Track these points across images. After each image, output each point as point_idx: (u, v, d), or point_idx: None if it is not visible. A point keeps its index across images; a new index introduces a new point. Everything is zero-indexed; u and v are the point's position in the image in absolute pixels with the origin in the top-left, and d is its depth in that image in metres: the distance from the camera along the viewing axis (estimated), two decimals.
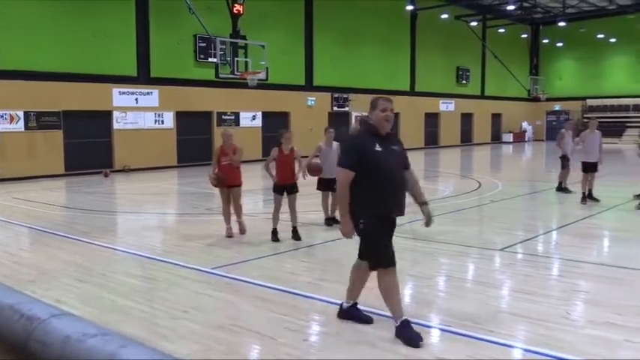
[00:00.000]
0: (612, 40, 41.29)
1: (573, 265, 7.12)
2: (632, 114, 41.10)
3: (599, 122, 39.38)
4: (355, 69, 30.20)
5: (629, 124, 40.01)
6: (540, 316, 5.18)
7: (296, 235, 8.71)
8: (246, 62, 23.37)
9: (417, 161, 26.13)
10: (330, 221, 9.77)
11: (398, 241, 8.60)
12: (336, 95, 29.49)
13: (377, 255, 4.72)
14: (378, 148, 4.60)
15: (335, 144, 9.77)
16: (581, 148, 12.41)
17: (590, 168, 12.20)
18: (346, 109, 29.82)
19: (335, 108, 29.54)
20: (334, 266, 7.11)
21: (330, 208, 9.85)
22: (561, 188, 13.44)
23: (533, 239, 8.66)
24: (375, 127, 4.68)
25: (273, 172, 8.74)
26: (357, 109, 29.85)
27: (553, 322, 5.03)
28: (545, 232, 9.41)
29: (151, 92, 22.45)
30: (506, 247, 7.87)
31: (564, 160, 13.49)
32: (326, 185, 9.77)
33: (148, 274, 6.81)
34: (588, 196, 12.13)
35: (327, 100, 29.20)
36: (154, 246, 8.41)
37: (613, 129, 38.60)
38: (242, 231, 9.02)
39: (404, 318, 4.70)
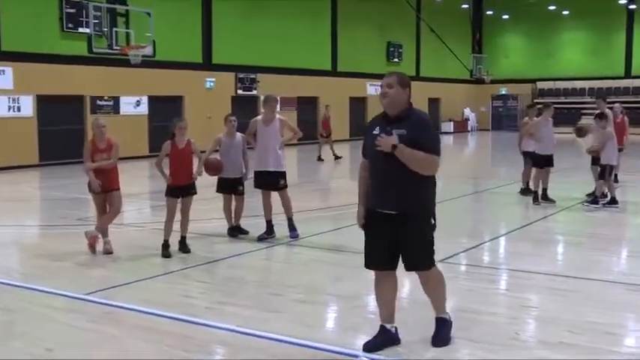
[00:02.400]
0: (565, 12, 43.47)
1: (522, 276, 7.41)
2: (588, 99, 43.22)
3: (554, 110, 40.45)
4: (264, 44, 30.19)
5: (584, 111, 42.08)
6: (485, 337, 5.35)
7: (184, 247, 8.66)
8: (128, 34, 22.83)
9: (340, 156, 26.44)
10: (235, 231, 9.71)
11: (309, 254, 8.75)
12: (240, 76, 29.36)
13: (365, 254, 5.18)
14: (375, 131, 4.93)
15: (239, 136, 9.71)
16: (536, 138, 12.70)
17: (545, 162, 12.61)
18: (254, 92, 29.76)
19: (240, 91, 29.41)
20: (238, 286, 7.08)
21: (234, 215, 9.78)
22: (527, 189, 13.60)
23: (479, 247, 8.97)
24: None
25: (167, 172, 8.60)
26: (267, 92, 29.80)
27: (500, 344, 5.21)
28: (491, 238, 9.77)
29: (3, 70, 21.49)
30: (447, 258, 8.10)
31: (527, 155, 13.53)
32: (228, 186, 9.69)
33: (3, 305, 6.52)
34: (542, 197, 12.55)
35: (229, 82, 29.02)
36: (9, 268, 8.12)
37: (567, 116, 40.49)
38: (107, 251, 8.71)
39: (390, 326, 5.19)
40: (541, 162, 12.63)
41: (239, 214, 9.81)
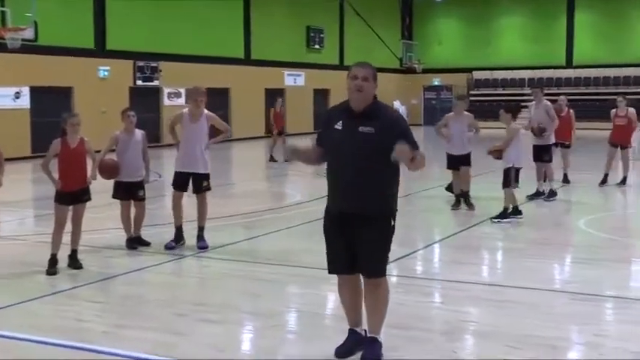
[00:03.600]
0: None
1: (459, 287, 7.60)
2: (528, 90, 44.42)
3: (488, 102, 41.78)
4: (167, 28, 29.80)
5: (525, 104, 43.27)
6: (419, 357, 5.45)
7: (75, 262, 8.52)
8: (4, 13, 22.12)
9: (254, 157, 26.43)
10: (134, 243, 9.58)
11: (221, 267, 8.70)
12: (140, 64, 28.91)
13: (327, 258, 5.38)
14: (338, 126, 5.10)
15: (139, 133, 9.57)
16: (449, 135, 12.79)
17: (457, 163, 12.74)
18: (155, 83, 29.37)
19: (139, 82, 28.95)
20: (138, 306, 7.01)
21: (134, 225, 9.64)
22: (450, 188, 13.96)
23: (410, 256, 9.14)
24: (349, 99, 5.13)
25: (55, 175, 8.42)
26: (171, 83, 29.47)
27: None
28: (424, 245, 9.96)
29: None
30: None
31: None
32: (127, 191, 9.54)
33: None
34: (464, 201, 12.68)
35: (127, 71, 28.52)
36: None
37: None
38: None
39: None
40: (452, 163, 12.80)
41: (139, 223, 9.68)
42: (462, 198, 12.67)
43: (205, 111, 9.60)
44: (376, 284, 5.28)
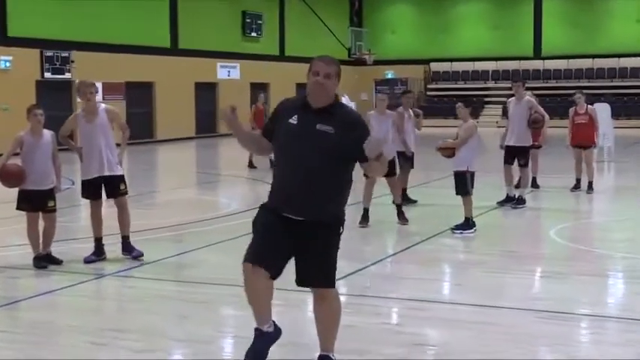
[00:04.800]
0: None
1: (415, 306, 7.69)
2: (492, 84, 45.08)
3: (447, 97, 42.15)
4: (81, 12, 29.50)
5: (488, 99, 43.86)
6: None
7: None
8: None
9: (183, 161, 26.26)
10: (43, 261, 9.44)
11: (146, 288, 8.63)
12: (48, 54, 28.53)
13: (251, 246, 5.35)
14: (293, 120, 5.22)
15: (47, 134, 9.45)
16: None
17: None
18: (67, 75, 29.00)
19: (48, 74, 28.58)
20: (48, 334, 6.93)
21: (42, 240, 9.51)
22: (404, 197, 14.15)
23: (360, 272, 9.19)
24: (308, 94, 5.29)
25: None
26: (86, 76, 29.06)
27: None
28: (375, 260, 10.01)
29: None
30: None
31: (404, 156, 14.03)
32: (34, 202, 9.41)
33: None
34: (397, 213, 12.70)
35: (33, 62, 28.12)
36: None
37: None
38: None
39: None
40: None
41: (49, 239, 9.55)
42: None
43: (102, 105, 9.68)
44: (329, 295, 5.40)
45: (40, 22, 28.11)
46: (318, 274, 5.33)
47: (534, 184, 15.87)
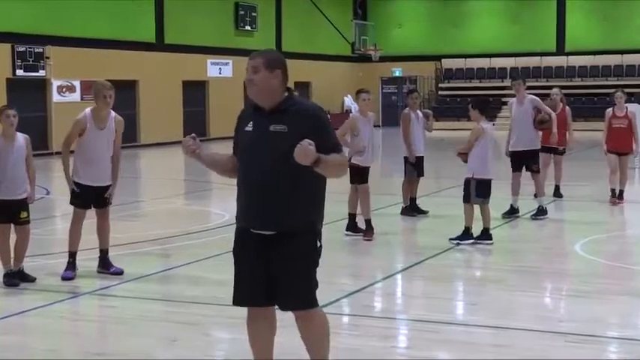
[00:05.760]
0: None
1: (427, 328, 7.64)
2: (510, 83, 44.59)
3: (460, 97, 41.62)
4: (59, 4, 29.45)
5: (506, 99, 43.54)
6: None
7: None
8: None
9: (170, 167, 26.26)
10: (15, 278, 9.38)
11: (130, 308, 8.60)
12: (20, 49, 28.48)
13: (234, 286, 5.47)
14: (248, 127, 5.32)
15: (21, 138, 9.44)
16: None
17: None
18: (41, 73, 28.97)
19: (20, 72, 28.52)
20: (20, 359, 6.91)
21: (14, 255, 9.49)
22: (414, 207, 14.20)
23: (367, 290, 9.16)
24: None
25: None
26: (62, 74, 29.07)
27: None
28: (384, 277, 9.99)
29: None
30: (324, 306, 8.22)
31: (411, 162, 14.02)
32: (5, 213, 9.36)
33: None
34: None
35: (3, 58, 28.09)
36: None
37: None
38: None
39: None
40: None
41: (22, 254, 9.53)
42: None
43: (113, 113, 9.73)
44: (307, 317, 5.36)
45: (12, 14, 28.06)
46: (292, 295, 5.29)
47: (557, 193, 15.78)
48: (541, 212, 13.65)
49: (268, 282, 5.26)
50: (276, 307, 5.42)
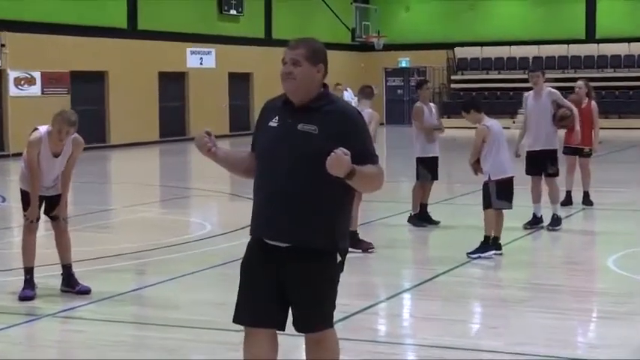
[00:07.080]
0: None
1: (439, 354, 7.66)
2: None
3: (476, 90, 41.72)
4: None
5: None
6: None
7: None
8: None
9: (144, 171, 26.25)
10: None
11: (98, 332, 8.58)
12: None
13: (237, 300, 5.40)
14: (273, 123, 5.29)
15: None
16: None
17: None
18: None
19: None
20: None
21: None
22: (424, 216, 14.21)
23: (369, 311, 9.17)
24: None
25: None
26: (20, 64, 29.06)
27: None
28: (389, 296, 9.97)
29: None
30: None
31: (424, 163, 14.13)
32: None
33: None
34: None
35: None
36: None
37: (501, 101, 41.75)
38: None
39: None
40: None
41: None
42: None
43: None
44: (321, 339, 5.33)
45: None
46: (309, 315, 5.26)
47: (587, 201, 15.67)
48: (556, 222, 13.54)
49: (279, 300, 5.23)
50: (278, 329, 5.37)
